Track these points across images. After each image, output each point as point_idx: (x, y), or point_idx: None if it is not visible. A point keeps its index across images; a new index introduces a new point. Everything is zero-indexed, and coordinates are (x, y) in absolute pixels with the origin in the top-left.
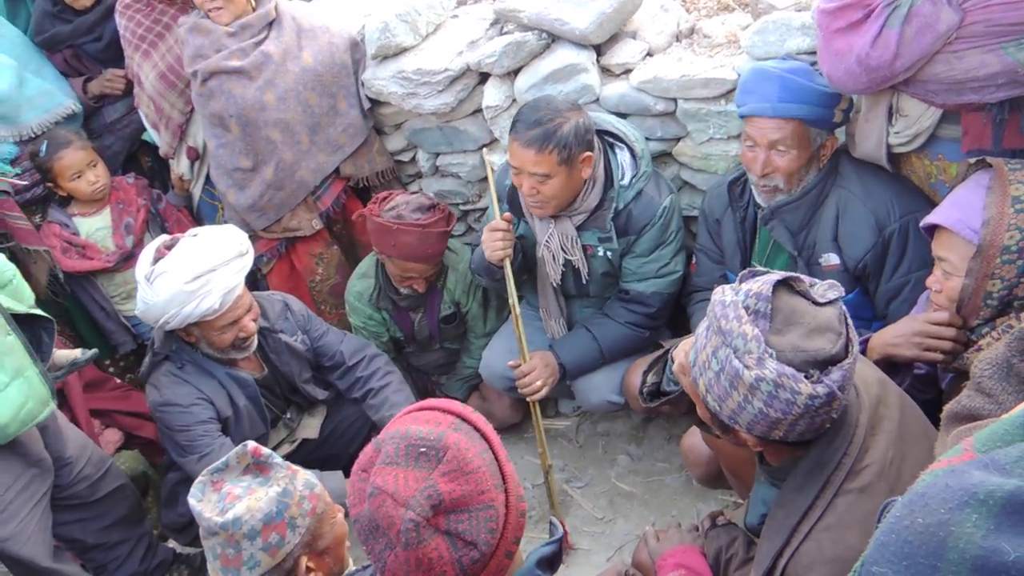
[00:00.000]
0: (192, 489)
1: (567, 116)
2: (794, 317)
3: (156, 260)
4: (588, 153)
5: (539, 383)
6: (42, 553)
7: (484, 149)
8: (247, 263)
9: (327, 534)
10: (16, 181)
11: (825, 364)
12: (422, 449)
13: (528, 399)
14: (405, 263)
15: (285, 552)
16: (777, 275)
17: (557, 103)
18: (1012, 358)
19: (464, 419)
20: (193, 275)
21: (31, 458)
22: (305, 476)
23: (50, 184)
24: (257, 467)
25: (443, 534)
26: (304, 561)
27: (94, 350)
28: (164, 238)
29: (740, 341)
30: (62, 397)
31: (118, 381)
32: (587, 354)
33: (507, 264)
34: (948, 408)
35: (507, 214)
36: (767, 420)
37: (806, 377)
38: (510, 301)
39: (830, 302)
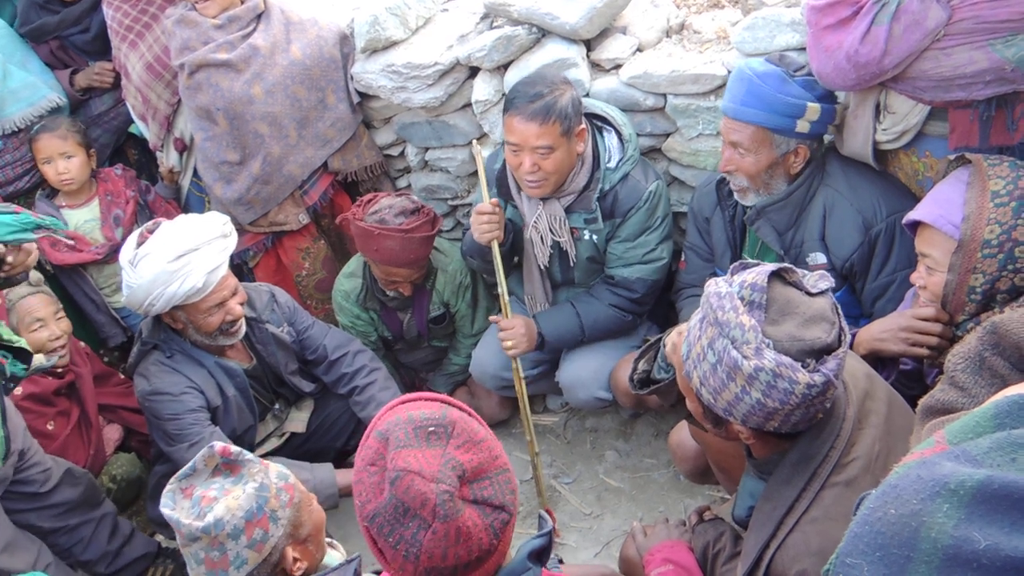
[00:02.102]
0: (162, 499)
1: (563, 89)
2: (789, 307)
3: (139, 244)
4: (582, 126)
5: (510, 343)
6: None
7: (474, 140)
8: (230, 244)
9: (307, 522)
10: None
11: (821, 353)
12: (431, 428)
13: (507, 353)
14: (389, 267)
15: (270, 546)
16: (770, 266)
17: (551, 77)
18: (984, 351)
19: (451, 404)
20: (175, 254)
21: None
22: (277, 468)
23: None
24: (227, 467)
25: (471, 503)
26: (290, 552)
27: (54, 359)
28: (147, 224)
29: (738, 331)
30: (72, 390)
31: (123, 376)
32: (568, 329)
33: (495, 246)
34: (923, 402)
35: (494, 199)
36: (764, 411)
37: (803, 366)
38: (498, 278)
39: (821, 292)
